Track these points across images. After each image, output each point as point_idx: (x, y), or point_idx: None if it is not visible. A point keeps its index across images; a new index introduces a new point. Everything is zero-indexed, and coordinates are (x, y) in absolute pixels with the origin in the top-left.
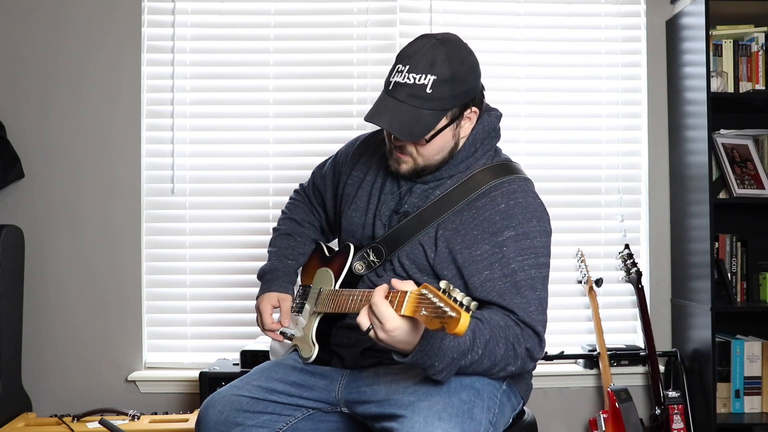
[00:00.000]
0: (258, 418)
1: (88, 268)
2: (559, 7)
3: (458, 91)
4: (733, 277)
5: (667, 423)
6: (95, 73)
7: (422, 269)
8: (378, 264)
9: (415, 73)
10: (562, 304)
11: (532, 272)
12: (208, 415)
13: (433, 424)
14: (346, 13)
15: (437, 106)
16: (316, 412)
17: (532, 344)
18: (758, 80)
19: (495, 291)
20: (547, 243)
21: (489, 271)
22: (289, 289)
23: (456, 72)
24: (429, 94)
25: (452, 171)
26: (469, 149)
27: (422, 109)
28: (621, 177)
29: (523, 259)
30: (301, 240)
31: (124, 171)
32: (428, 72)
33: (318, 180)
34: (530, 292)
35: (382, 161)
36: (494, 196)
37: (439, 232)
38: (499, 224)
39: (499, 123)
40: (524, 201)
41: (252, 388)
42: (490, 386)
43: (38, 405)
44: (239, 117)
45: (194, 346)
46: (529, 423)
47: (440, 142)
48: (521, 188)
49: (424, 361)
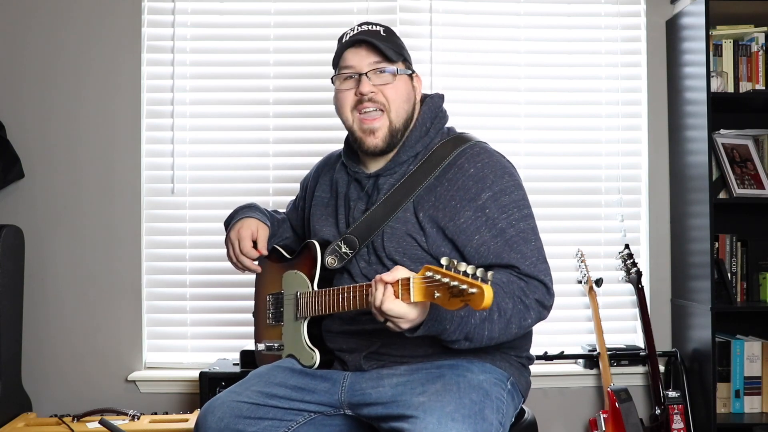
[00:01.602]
0: (259, 424)
1: (88, 268)
2: (559, 7)
3: (404, 49)
4: (733, 277)
5: (667, 423)
6: (95, 73)
7: (416, 259)
8: (352, 254)
9: (367, 26)
10: (562, 304)
11: (520, 225)
12: (207, 422)
13: (447, 425)
14: (346, 13)
15: (393, 46)
16: (318, 416)
17: (540, 294)
18: (758, 80)
19: (491, 253)
20: (524, 195)
21: (478, 235)
22: (268, 223)
23: (397, 35)
24: (384, 36)
25: (409, 152)
26: (420, 128)
27: (388, 44)
28: (621, 177)
29: (508, 216)
30: (280, 219)
31: (124, 171)
32: (377, 25)
33: (291, 214)
34: (524, 244)
35: (342, 172)
36: (461, 164)
37: (420, 215)
38: (474, 188)
39: (443, 103)
40: (491, 160)
41: (252, 394)
42: (497, 386)
43: (38, 405)
44: (239, 117)
45: (194, 346)
46: (529, 423)
47: (404, 86)
48: (484, 149)
49: (436, 328)
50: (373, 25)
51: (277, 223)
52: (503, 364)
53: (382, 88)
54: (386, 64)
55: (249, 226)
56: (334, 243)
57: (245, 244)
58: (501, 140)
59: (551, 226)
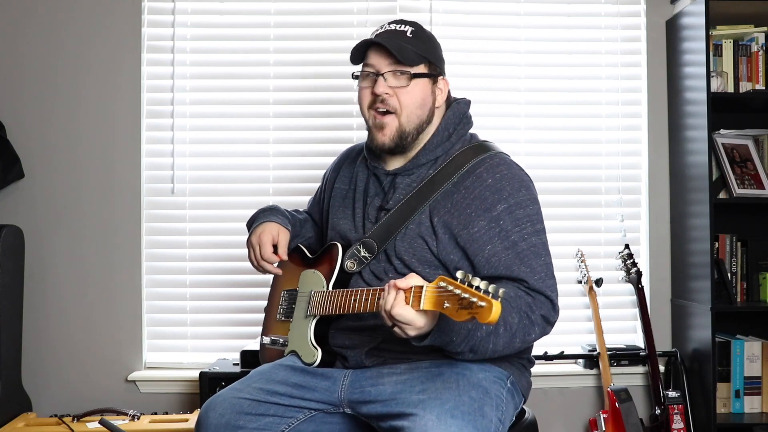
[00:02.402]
0: (260, 420)
1: (87, 267)
2: (559, 7)
3: (432, 51)
4: (733, 277)
5: (667, 423)
6: (95, 73)
7: (425, 262)
8: (371, 259)
9: (396, 25)
10: (562, 304)
11: (532, 240)
12: (208, 418)
13: (446, 422)
14: (346, 13)
15: (417, 48)
16: (318, 414)
17: (546, 310)
18: (758, 80)
19: (501, 265)
20: (539, 210)
21: (491, 246)
22: (289, 227)
23: (428, 37)
24: (409, 38)
25: (429, 156)
26: (443, 134)
27: (406, 45)
28: (621, 177)
29: (521, 229)
30: (302, 219)
31: (124, 171)
32: (407, 25)
33: (313, 208)
34: (535, 259)
35: (362, 166)
36: (479, 173)
37: (434, 220)
38: (490, 199)
39: (468, 109)
40: (509, 173)
41: (253, 391)
42: (496, 384)
43: (38, 405)
44: (239, 117)
45: (194, 346)
46: (530, 423)
47: (420, 92)
48: (503, 161)
49: (442, 339)
50: (401, 25)
51: (300, 224)
52: (503, 363)
53: (397, 90)
54: (404, 67)
55: (270, 230)
56: (353, 247)
57: (266, 250)
58: (501, 140)
59: (551, 226)
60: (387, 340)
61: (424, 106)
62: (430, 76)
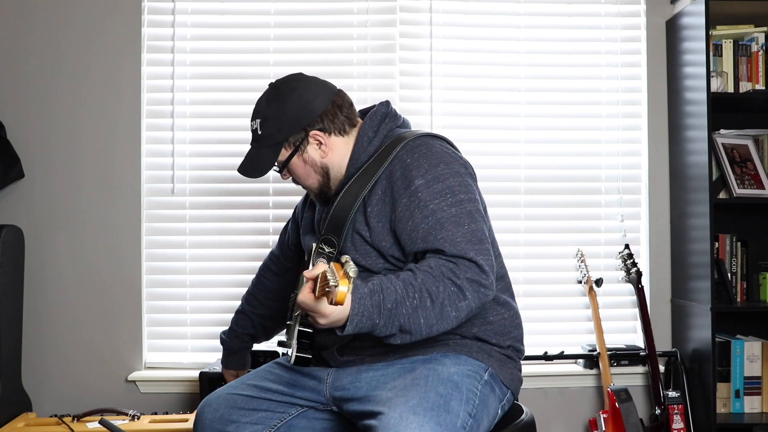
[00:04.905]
0: (253, 415)
1: (88, 268)
2: (559, 7)
3: (284, 125)
4: (733, 277)
5: (667, 423)
6: (95, 73)
7: (363, 253)
8: (335, 253)
9: (252, 120)
10: (562, 304)
11: (452, 210)
12: (204, 414)
13: (407, 419)
14: (346, 13)
15: (270, 143)
16: (309, 410)
17: (473, 273)
18: (758, 80)
19: (420, 237)
20: (461, 182)
21: (411, 221)
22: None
23: (275, 111)
24: (261, 135)
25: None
26: (362, 141)
27: (262, 149)
28: (621, 177)
29: (440, 201)
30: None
31: (124, 171)
32: (256, 117)
33: (282, 239)
34: (454, 228)
35: None
36: (400, 155)
37: (368, 210)
38: (409, 177)
39: (388, 108)
40: (428, 151)
41: (247, 387)
42: (470, 378)
43: (38, 405)
44: (239, 117)
45: (194, 346)
46: (527, 423)
47: (299, 168)
48: (424, 142)
49: (364, 323)
50: (255, 118)
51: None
52: (481, 356)
53: (287, 173)
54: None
55: (230, 374)
56: (316, 248)
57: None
58: (501, 140)
59: (551, 226)
60: (359, 338)
61: (315, 168)
62: (296, 150)
